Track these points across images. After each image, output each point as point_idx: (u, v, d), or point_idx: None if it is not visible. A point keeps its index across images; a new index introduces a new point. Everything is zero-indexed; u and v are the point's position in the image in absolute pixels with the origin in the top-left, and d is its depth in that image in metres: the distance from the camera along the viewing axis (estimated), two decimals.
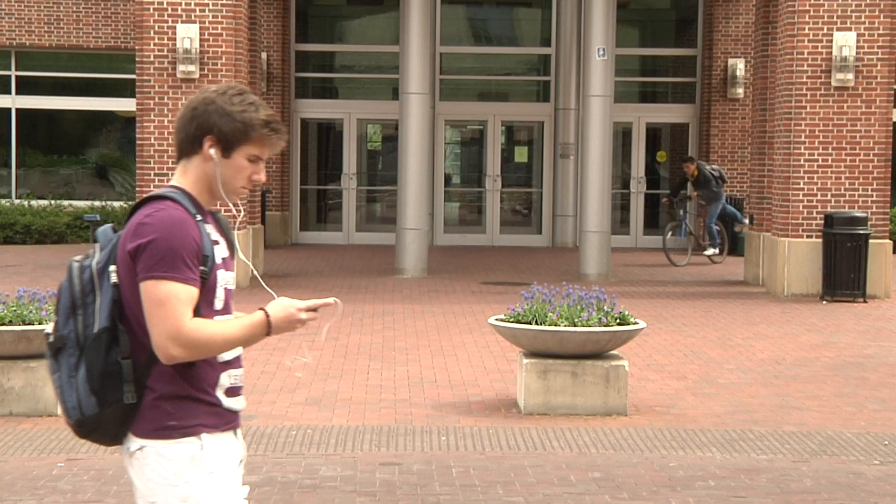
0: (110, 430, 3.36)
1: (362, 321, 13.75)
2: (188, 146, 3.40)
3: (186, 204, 3.34)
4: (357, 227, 24.91)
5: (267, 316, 3.37)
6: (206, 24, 16.24)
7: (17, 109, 25.11)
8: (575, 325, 8.82)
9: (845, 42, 16.02)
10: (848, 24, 16.13)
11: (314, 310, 3.41)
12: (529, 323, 8.98)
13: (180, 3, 16.19)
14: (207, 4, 16.23)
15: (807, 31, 16.15)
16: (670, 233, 21.60)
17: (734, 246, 22.70)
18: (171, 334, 3.24)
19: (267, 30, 23.54)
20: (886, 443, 8.37)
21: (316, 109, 25.20)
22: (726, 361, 11.45)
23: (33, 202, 24.44)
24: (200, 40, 16.20)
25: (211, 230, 3.43)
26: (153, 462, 3.33)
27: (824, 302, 15.85)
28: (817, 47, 16.15)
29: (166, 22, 16.20)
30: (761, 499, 6.97)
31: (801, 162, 16.25)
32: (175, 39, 16.17)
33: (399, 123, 19.65)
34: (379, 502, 6.84)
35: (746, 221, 21.11)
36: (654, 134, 25.68)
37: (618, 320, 8.95)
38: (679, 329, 13.44)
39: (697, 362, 11.38)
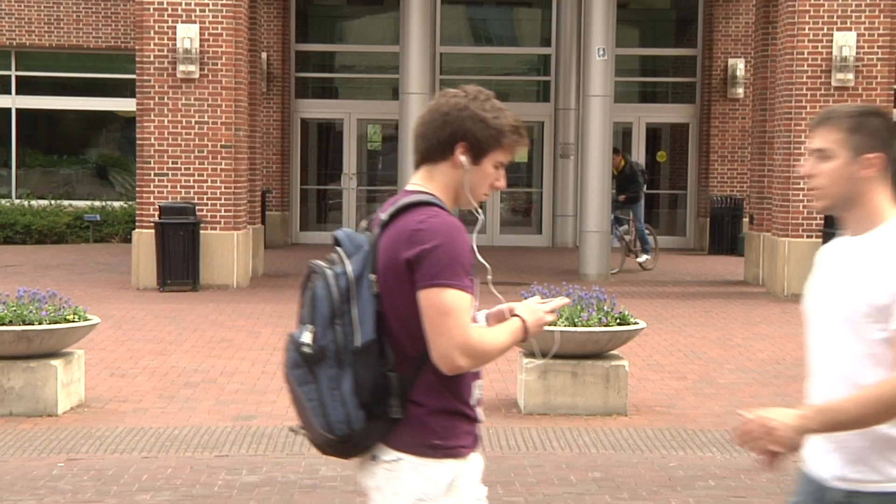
0: (371, 443, 3.24)
1: None
2: (437, 152, 3.30)
3: (451, 210, 3.26)
4: (357, 227, 24.88)
5: (524, 322, 3.34)
6: (206, 24, 16.24)
7: (17, 109, 25.12)
8: (575, 325, 8.82)
9: (845, 42, 16.02)
10: (848, 24, 16.13)
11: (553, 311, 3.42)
12: None
13: (180, 3, 16.19)
14: (207, 4, 16.23)
15: (807, 31, 16.15)
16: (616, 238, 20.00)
17: (734, 246, 22.69)
18: (459, 344, 3.13)
19: (267, 30, 23.55)
20: None
21: (316, 109, 25.19)
22: (726, 361, 11.45)
23: (33, 202, 24.44)
24: (200, 40, 16.21)
25: None
26: (409, 477, 3.21)
27: None
28: (817, 47, 16.15)
29: (166, 22, 16.21)
30: (761, 499, 6.97)
31: (802, 162, 16.23)
32: (175, 39, 16.17)
33: (399, 123, 19.65)
34: None
35: (643, 258, 19.92)
36: (654, 134, 25.68)
37: (618, 320, 8.95)
38: (679, 329, 13.44)
39: (697, 362, 11.38)
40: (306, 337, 3.20)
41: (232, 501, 6.81)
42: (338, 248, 3.31)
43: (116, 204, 24.61)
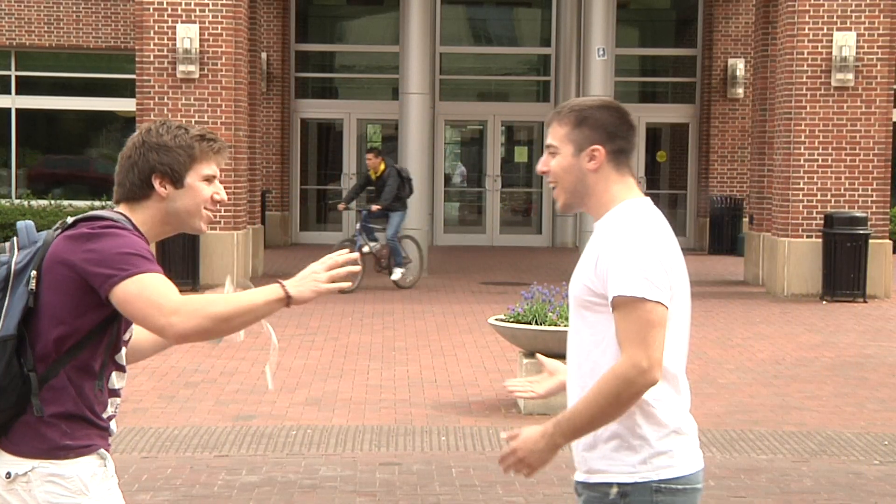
0: None
1: (362, 321, 13.75)
2: (137, 192, 3.27)
3: (130, 227, 3.23)
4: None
5: (283, 286, 3.22)
6: (206, 24, 16.24)
7: (17, 109, 25.11)
8: None
9: (845, 42, 16.02)
10: (848, 24, 16.13)
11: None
12: (529, 323, 8.99)
13: (180, 3, 16.19)
14: (207, 4, 16.23)
15: (807, 31, 16.15)
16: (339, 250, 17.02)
17: (734, 246, 22.66)
18: (172, 311, 3.05)
19: (267, 30, 23.54)
20: (886, 443, 8.37)
21: (316, 109, 25.19)
22: (726, 361, 11.45)
23: (33, 202, 24.44)
24: (200, 40, 16.21)
25: None
26: (48, 484, 3.15)
27: (824, 302, 15.85)
28: (817, 47, 16.15)
29: (166, 22, 16.21)
30: (761, 499, 6.97)
31: (801, 162, 16.25)
32: (175, 39, 16.17)
33: (399, 123, 19.65)
34: (379, 502, 6.84)
35: (399, 273, 16.99)
36: (654, 134, 25.68)
37: None
38: None
39: (697, 362, 11.38)
40: None
41: (232, 501, 6.81)
42: (14, 238, 3.27)
43: None
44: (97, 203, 24.48)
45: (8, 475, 3.17)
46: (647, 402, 3.16)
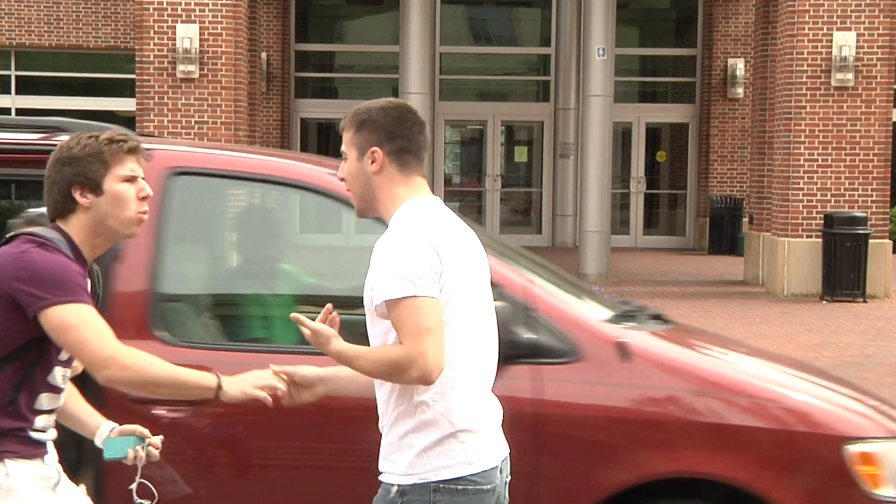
0: None
1: None
2: (63, 208, 3.31)
3: (66, 250, 3.25)
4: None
5: (219, 379, 3.28)
6: (206, 24, 16.25)
7: (16, 109, 25.13)
8: None
9: (845, 42, 16.03)
10: (848, 24, 16.14)
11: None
12: None
13: (180, 3, 16.20)
14: (207, 4, 16.24)
15: (807, 31, 16.15)
16: None
17: (734, 246, 22.66)
18: (104, 359, 3.15)
19: (267, 30, 23.55)
20: None
21: (316, 109, 25.20)
22: None
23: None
24: (200, 40, 16.21)
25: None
26: None
27: (824, 302, 15.86)
28: (817, 47, 16.16)
29: (166, 22, 16.21)
30: None
31: (801, 162, 16.25)
32: (175, 39, 16.18)
33: None
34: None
35: None
36: (654, 134, 25.68)
37: None
38: None
39: None
40: None
41: None
42: None
43: None
44: None
45: None
46: (426, 404, 3.17)
